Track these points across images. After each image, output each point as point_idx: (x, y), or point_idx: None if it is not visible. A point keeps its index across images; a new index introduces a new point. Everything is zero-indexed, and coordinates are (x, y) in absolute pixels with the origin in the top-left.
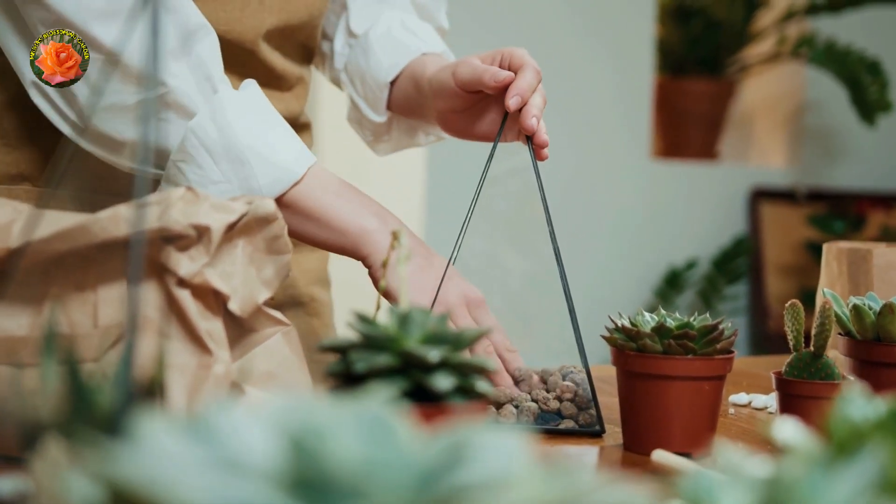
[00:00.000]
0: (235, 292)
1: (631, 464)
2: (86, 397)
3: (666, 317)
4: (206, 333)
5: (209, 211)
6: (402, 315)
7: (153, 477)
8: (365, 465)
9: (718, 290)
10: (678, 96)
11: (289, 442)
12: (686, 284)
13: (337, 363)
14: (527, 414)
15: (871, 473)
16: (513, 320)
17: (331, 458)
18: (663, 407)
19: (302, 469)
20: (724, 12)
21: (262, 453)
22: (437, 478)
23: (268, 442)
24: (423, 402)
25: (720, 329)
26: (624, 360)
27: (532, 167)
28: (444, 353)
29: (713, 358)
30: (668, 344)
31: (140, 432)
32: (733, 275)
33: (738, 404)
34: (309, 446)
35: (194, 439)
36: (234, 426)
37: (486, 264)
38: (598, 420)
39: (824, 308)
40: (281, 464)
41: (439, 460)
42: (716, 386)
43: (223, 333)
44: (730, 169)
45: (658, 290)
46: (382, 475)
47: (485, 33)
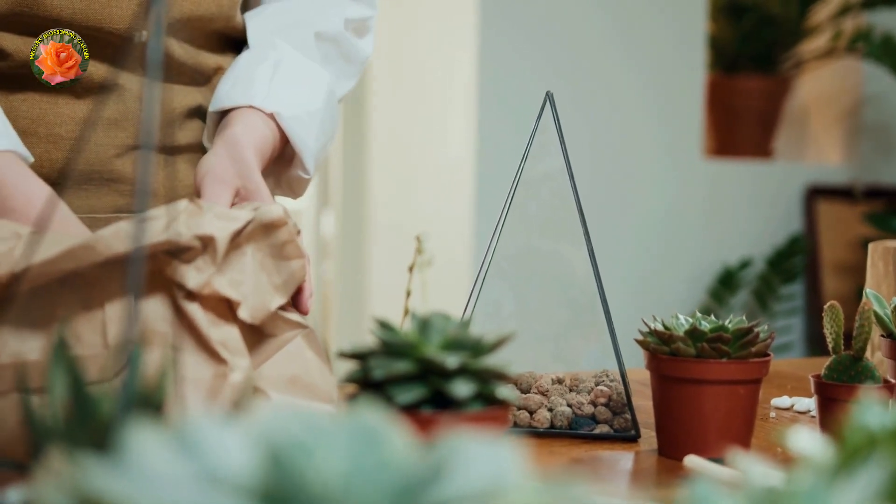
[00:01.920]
0: (246, 299)
1: (665, 469)
2: (88, 410)
3: (700, 320)
4: (218, 343)
5: (213, 220)
6: (422, 321)
7: (125, 492)
8: (343, 479)
9: (774, 290)
10: (731, 94)
11: (267, 455)
12: (741, 284)
13: (356, 370)
14: (561, 419)
15: (877, 484)
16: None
17: (309, 472)
18: (697, 411)
19: (279, 483)
20: (777, 7)
21: (241, 467)
22: (418, 491)
23: (248, 455)
24: (442, 408)
25: (755, 332)
26: (657, 364)
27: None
28: (463, 360)
29: (748, 361)
30: (702, 347)
31: (126, 446)
32: (789, 274)
33: (781, 407)
34: (287, 460)
35: (176, 453)
36: (216, 439)
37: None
38: (633, 425)
39: (863, 309)
40: (259, 477)
41: (422, 474)
42: (751, 390)
43: (240, 341)
44: (785, 167)
45: (712, 290)
46: (361, 489)
47: (534, 32)
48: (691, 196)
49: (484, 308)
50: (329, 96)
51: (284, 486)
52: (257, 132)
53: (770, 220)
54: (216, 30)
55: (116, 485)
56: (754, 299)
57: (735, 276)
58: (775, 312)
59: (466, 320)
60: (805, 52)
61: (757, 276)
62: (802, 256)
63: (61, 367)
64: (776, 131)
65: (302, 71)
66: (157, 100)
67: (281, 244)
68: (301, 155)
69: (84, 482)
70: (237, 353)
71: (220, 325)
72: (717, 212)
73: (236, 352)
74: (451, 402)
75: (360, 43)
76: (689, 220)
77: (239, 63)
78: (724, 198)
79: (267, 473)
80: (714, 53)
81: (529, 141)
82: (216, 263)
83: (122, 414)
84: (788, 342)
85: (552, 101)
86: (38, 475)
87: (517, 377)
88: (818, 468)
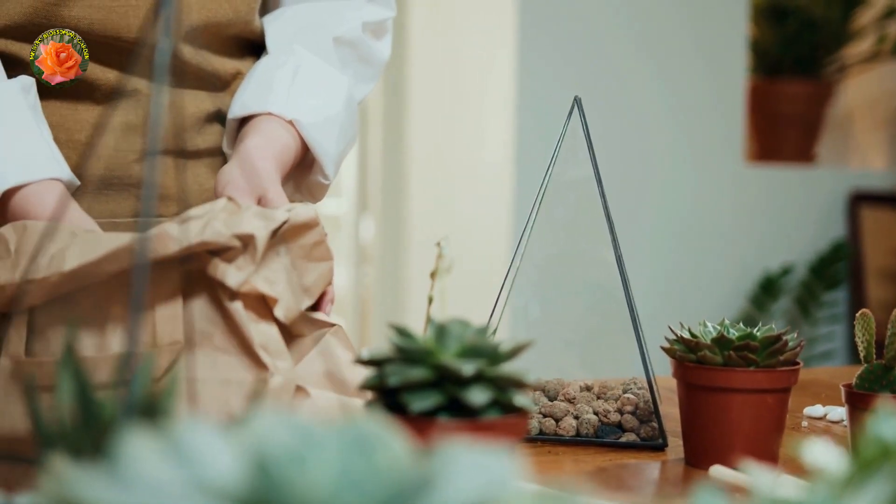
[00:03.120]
0: (281, 298)
1: (691, 479)
2: (92, 415)
3: (728, 327)
4: (259, 347)
5: (252, 219)
6: (440, 328)
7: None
8: (331, 488)
9: (816, 297)
10: (773, 98)
11: (256, 463)
12: (782, 291)
13: (373, 376)
14: (587, 427)
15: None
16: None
17: (297, 480)
18: (725, 420)
19: (266, 491)
20: (821, 10)
21: (230, 474)
22: (408, 501)
23: (238, 463)
24: (459, 416)
25: (784, 340)
26: (683, 372)
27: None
28: (479, 367)
29: (776, 370)
30: (729, 355)
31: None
32: (832, 281)
33: (813, 417)
34: (275, 468)
35: (167, 460)
36: (207, 447)
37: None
38: (660, 433)
39: (895, 318)
40: (247, 485)
41: (413, 483)
42: (780, 399)
43: (280, 342)
44: (828, 172)
45: (753, 297)
46: (349, 498)
47: (573, 36)
48: (732, 202)
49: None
50: (348, 101)
51: (271, 494)
52: (278, 141)
53: (813, 225)
54: (234, 35)
55: (100, 491)
56: (796, 306)
57: (776, 283)
58: (818, 319)
59: (484, 327)
60: (849, 56)
61: (799, 283)
62: (846, 263)
63: (69, 371)
64: (819, 136)
65: (321, 76)
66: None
67: (311, 245)
68: (321, 161)
69: (69, 488)
70: (278, 356)
71: (261, 326)
72: (759, 218)
73: (277, 354)
74: (467, 409)
75: (378, 45)
76: (729, 225)
77: (257, 69)
78: (765, 203)
79: (254, 481)
80: (756, 58)
81: (557, 146)
82: (255, 262)
83: (123, 420)
84: (831, 350)
85: (580, 105)
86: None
87: (544, 384)
88: (830, 480)
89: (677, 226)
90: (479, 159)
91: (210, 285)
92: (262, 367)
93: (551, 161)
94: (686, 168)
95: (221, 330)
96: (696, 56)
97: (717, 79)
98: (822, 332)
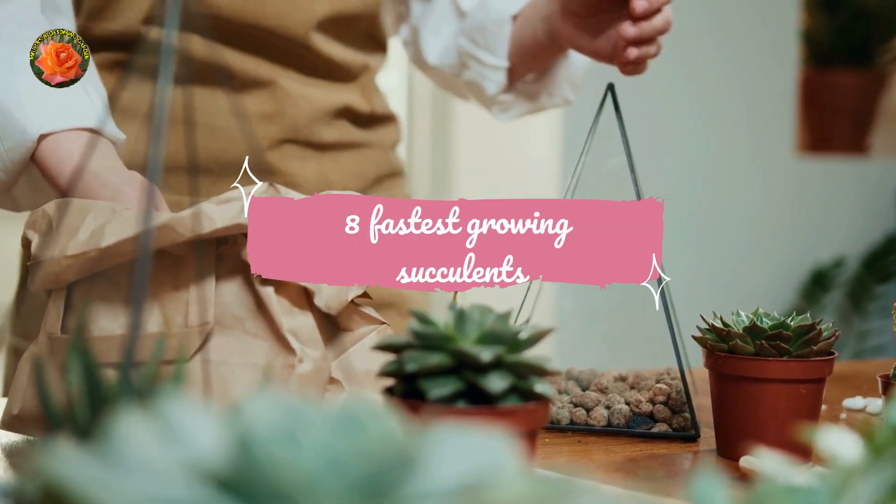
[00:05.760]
0: (321, 289)
1: (724, 470)
2: (98, 396)
3: (762, 316)
4: (289, 332)
5: None
6: (460, 314)
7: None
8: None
9: (868, 290)
10: (825, 90)
11: (239, 443)
12: (833, 284)
13: (391, 363)
14: (618, 417)
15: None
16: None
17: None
18: (757, 411)
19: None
20: (874, 0)
21: (214, 454)
22: (393, 483)
23: (223, 442)
24: (477, 403)
25: (818, 329)
26: (715, 362)
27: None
28: (498, 353)
29: (809, 360)
30: (761, 345)
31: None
32: (884, 273)
33: (853, 409)
34: (258, 448)
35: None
36: (193, 426)
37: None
38: (692, 424)
39: None
40: (230, 464)
41: (399, 465)
42: (814, 389)
43: (314, 331)
44: (881, 164)
45: (804, 290)
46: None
47: None
48: (782, 193)
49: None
50: None
51: (254, 473)
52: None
53: (865, 217)
54: (362, 28)
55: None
56: (848, 299)
57: (827, 276)
58: (869, 312)
59: (506, 314)
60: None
61: (851, 276)
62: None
63: (77, 352)
64: (872, 127)
65: None
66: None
67: None
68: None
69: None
70: (309, 343)
71: (295, 314)
72: (810, 210)
73: (308, 342)
74: (486, 396)
75: None
76: (779, 218)
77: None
78: (817, 195)
79: (237, 460)
80: (807, 48)
81: (589, 135)
82: None
83: (126, 402)
84: (883, 343)
85: (613, 92)
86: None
87: (577, 374)
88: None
89: (726, 217)
90: (524, 155)
91: (245, 269)
92: (292, 354)
93: (584, 150)
94: (736, 159)
95: (253, 314)
96: (746, 47)
97: (768, 69)
98: (873, 326)
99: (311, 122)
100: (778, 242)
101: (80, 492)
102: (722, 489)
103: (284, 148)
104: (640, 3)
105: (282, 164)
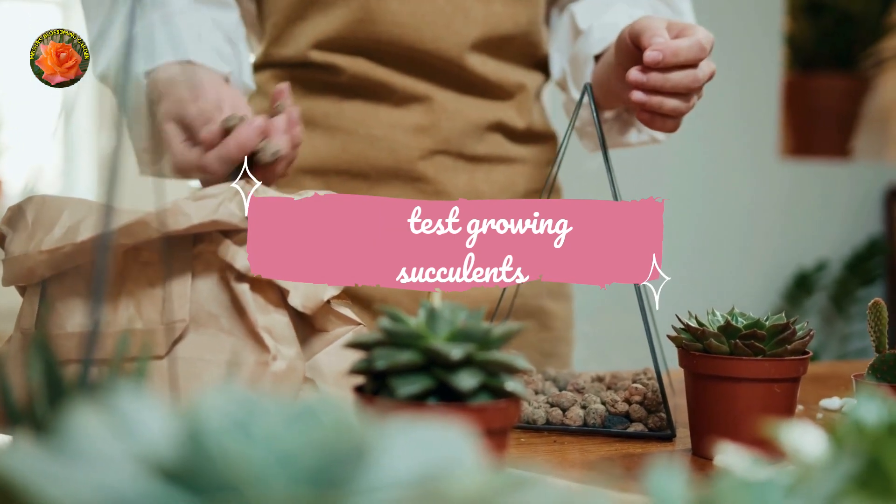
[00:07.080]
0: (296, 287)
1: (698, 469)
2: (58, 393)
3: (737, 316)
4: (263, 330)
5: None
6: (431, 312)
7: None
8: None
9: (851, 293)
10: (809, 93)
11: (189, 435)
12: (816, 287)
13: (361, 361)
14: (594, 416)
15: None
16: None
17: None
18: (731, 410)
19: (194, 461)
20: (858, 5)
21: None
22: (343, 475)
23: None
24: (448, 401)
25: (792, 328)
26: (689, 361)
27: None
28: (468, 351)
29: (784, 359)
30: (735, 344)
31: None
32: (867, 277)
33: (830, 409)
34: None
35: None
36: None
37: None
38: (668, 423)
39: None
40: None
41: (344, 458)
42: (788, 389)
43: (288, 329)
44: (864, 167)
45: (787, 293)
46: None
47: None
48: (766, 197)
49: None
50: None
51: (202, 465)
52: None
53: (848, 221)
54: (517, 49)
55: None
56: (831, 302)
57: (811, 279)
58: (852, 315)
59: (477, 312)
60: (886, 51)
61: (834, 279)
62: (882, 258)
63: (38, 347)
64: (855, 131)
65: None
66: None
67: None
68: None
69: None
70: (284, 341)
71: (269, 311)
72: (793, 213)
73: (282, 339)
74: (457, 394)
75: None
76: (763, 221)
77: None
78: (800, 199)
79: (186, 452)
80: (791, 52)
81: (566, 135)
82: None
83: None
84: (866, 346)
85: (591, 93)
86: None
87: (554, 374)
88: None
89: (710, 221)
90: None
91: (221, 267)
92: (266, 351)
93: (560, 148)
94: (720, 163)
95: (228, 312)
96: (730, 50)
97: (753, 73)
98: (856, 329)
99: (464, 136)
100: (761, 246)
101: (30, 485)
102: (678, 483)
103: (437, 159)
104: (650, 54)
105: (434, 173)
